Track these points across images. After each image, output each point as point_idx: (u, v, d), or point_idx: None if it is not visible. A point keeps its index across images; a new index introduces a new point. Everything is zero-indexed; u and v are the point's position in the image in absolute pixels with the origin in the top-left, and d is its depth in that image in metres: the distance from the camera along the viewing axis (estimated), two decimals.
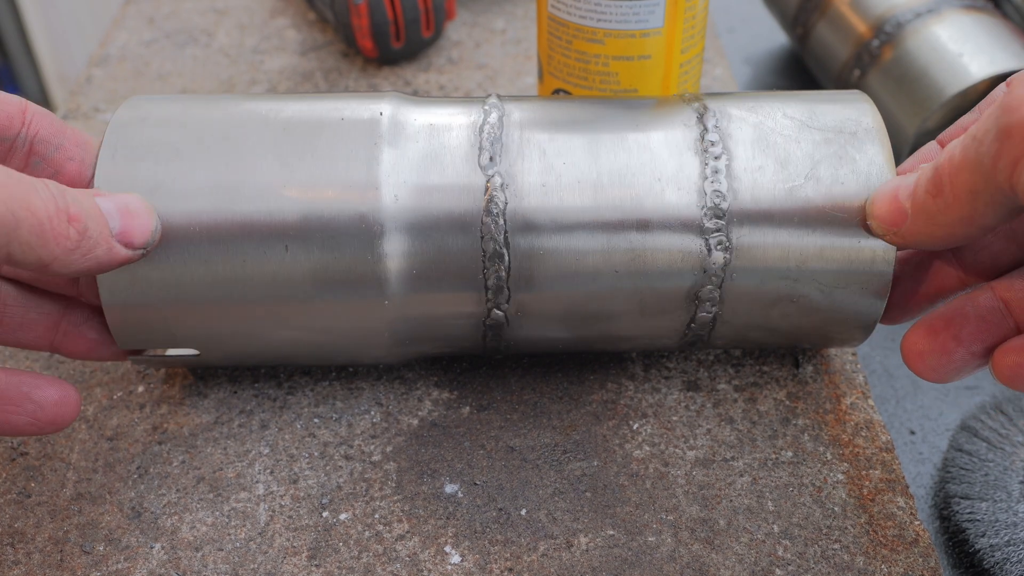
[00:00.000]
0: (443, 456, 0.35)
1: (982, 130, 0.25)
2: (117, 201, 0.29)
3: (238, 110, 0.34)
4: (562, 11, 0.39)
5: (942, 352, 0.30)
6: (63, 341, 0.34)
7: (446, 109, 0.34)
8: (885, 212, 0.30)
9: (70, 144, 0.32)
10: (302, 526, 0.33)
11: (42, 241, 0.26)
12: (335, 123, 0.33)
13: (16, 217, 0.25)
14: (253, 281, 0.32)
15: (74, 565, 0.32)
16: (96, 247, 0.28)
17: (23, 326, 0.33)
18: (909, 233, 0.29)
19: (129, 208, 0.29)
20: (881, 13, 0.49)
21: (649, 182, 0.32)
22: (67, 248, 0.27)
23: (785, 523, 0.33)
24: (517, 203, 0.32)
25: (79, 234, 0.27)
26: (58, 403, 0.31)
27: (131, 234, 0.29)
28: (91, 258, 0.28)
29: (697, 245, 0.32)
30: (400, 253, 0.32)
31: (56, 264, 0.27)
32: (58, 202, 0.26)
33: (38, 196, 0.26)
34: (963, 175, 0.26)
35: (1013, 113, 0.24)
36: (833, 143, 0.33)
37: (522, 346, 0.36)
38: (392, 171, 0.32)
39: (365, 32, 0.54)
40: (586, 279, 0.33)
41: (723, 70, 0.57)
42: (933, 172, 0.27)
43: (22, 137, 0.31)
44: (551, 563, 0.32)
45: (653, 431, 0.36)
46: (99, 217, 0.28)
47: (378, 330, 0.34)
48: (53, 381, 0.31)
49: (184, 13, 0.64)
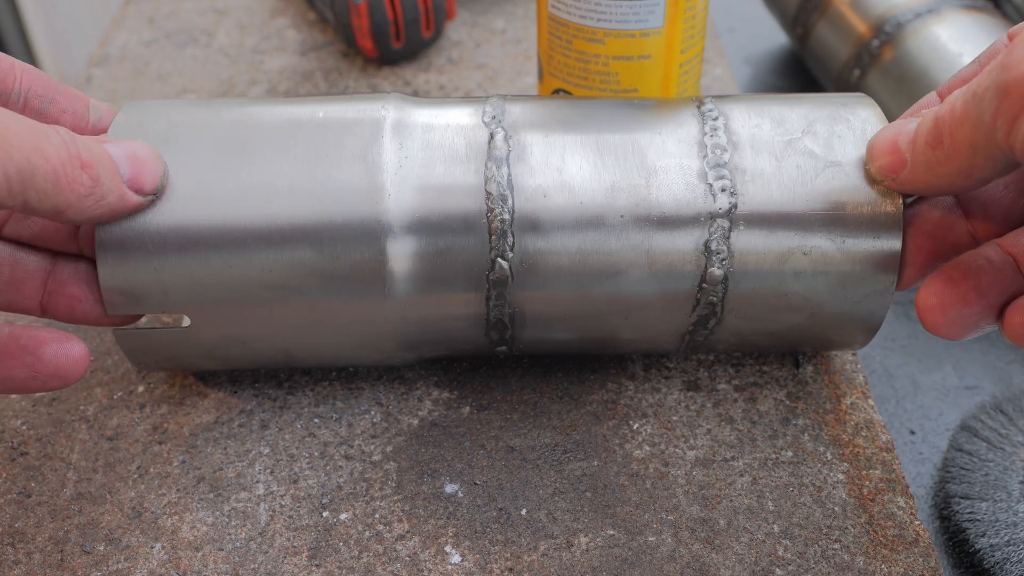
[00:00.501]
0: (443, 456, 0.35)
1: (982, 86, 0.25)
2: (125, 148, 0.29)
3: (239, 114, 0.34)
4: (562, 11, 0.39)
5: (962, 303, 0.30)
6: (50, 301, 0.33)
7: (448, 110, 0.34)
8: (885, 158, 0.31)
9: (62, 98, 0.32)
10: (302, 526, 0.33)
11: (57, 188, 0.26)
12: (337, 125, 0.33)
13: (32, 164, 0.25)
14: (255, 285, 0.32)
15: (74, 565, 0.32)
16: (109, 193, 0.28)
17: (13, 284, 0.33)
18: (907, 180, 0.30)
19: (137, 155, 0.30)
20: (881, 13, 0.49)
21: (652, 180, 0.32)
22: (81, 195, 0.27)
23: (785, 523, 0.33)
24: (520, 203, 0.32)
25: (92, 180, 0.27)
26: (57, 354, 0.30)
27: (141, 180, 0.30)
28: (104, 204, 0.28)
29: (700, 246, 0.32)
30: (404, 254, 0.32)
31: (70, 211, 0.27)
32: (70, 148, 0.26)
33: (51, 143, 0.26)
34: (963, 130, 0.26)
35: (1011, 71, 0.24)
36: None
37: (526, 347, 0.36)
38: (395, 172, 0.32)
39: (365, 32, 0.54)
40: (590, 278, 0.33)
41: (723, 70, 0.57)
42: (934, 123, 0.28)
43: (16, 92, 0.31)
44: (551, 563, 0.32)
45: (653, 431, 0.36)
46: (110, 163, 0.28)
47: (383, 332, 0.34)
48: (56, 334, 0.31)
49: (184, 13, 0.64)
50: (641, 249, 0.32)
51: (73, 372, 0.31)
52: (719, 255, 0.32)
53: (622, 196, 0.32)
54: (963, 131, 0.26)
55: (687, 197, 0.32)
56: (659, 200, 0.32)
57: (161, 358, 0.35)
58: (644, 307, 0.33)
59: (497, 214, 0.32)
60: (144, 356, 0.34)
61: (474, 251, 0.32)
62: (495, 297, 0.33)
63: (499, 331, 0.34)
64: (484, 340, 0.35)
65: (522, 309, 0.33)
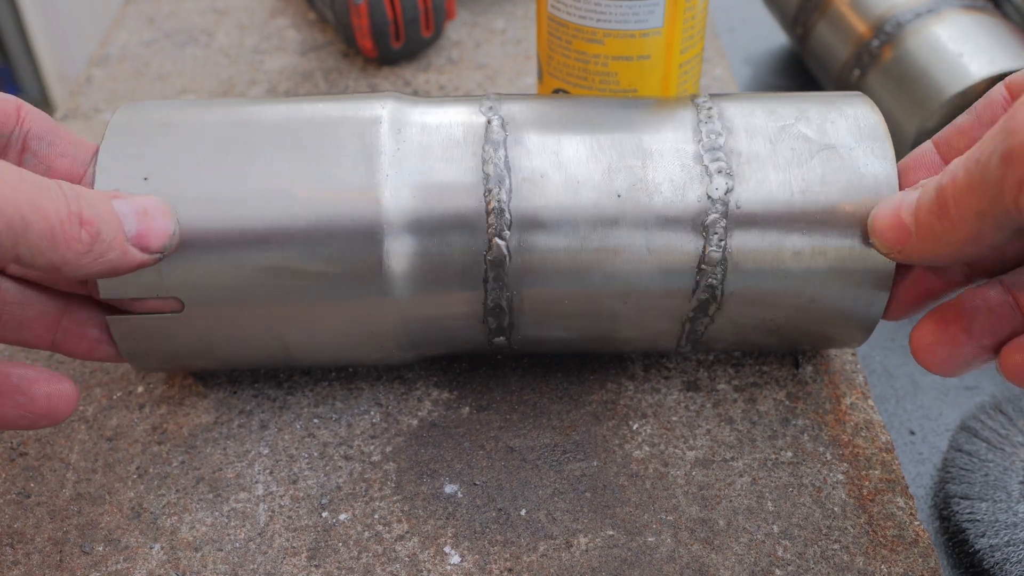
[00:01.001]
0: (443, 456, 0.35)
1: (986, 152, 0.25)
2: (135, 204, 0.29)
3: (237, 114, 0.34)
4: (562, 11, 0.39)
5: (953, 344, 0.30)
6: (64, 340, 0.34)
7: (446, 108, 0.34)
8: (888, 231, 0.30)
9: (62, 141, 0.32)
10: (301, 526, 0.33)
11: (52, 244, 0.26)
12: (335, 124, 0.33)
13: (25, 220, 0.25)
14: (253, 285, 0.32)
15: (73, 565, 0.32)
16: (109, 251, 0.27)
17: (23, 324, 0.33)
18: (914, 251, 0.29)
19: (147, 211, 0.29)
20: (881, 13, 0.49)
21: (649, 162, 0.32)
22: (78, 252, 0.26)
23: (785, 523, 0.33)
24: (518, 201, 0.32)
25: (91, 237, 0.27)
26: (50, 395, 0.31)
27: (148, 238, 0.29)
28: (104, 262, 0.27)
29: (697, 227, 0.32)
30: (402, 253, 0.32)
31: (67, 267, 0.26)
32: (71, 205, 0.26)
33: (50, 199, 0.25)
34: (968, 198, 0.26)
35: (1015, 135, 0.24)
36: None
37: (525, 345, 0.36)
38: (393, 171, 0.32)
39: (365, 32, 0.54)
40: (589, 276, 0.33)
41: (723, 70, 0.57)
42: (937, 193, 0.27)
43: (16, 134, 0.31)
44: (551, 563, 0.32)
45: (653, 431, 0.36)
46: (114, 220, 0.28)
47: (383, 331, 0.34)
48: (46, 374, 0.31)
49: (184, 13, 0.64)
50: (639, 229, 0.32)
51: (64, 413, 0.31)
52: (717, 236, 0.32)
53: (619, 177, 0.32)
54: (968, 198, 0.26)
55: (683, 179, 0.32)
56: (655, 181, 0.32)
57: (157, 353, 0.34)
58: (643, 290, 0.33)
59: (495, 194, 0.32)
60: (138, 345, 0.34)
61: (472, 249, 0.32)
62: (492, 279, 0.33)
63: (497, 317, 0.34)
64: (482, 329, 0.34)
65: (520, 292, 0.33)
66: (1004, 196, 0.24)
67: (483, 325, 0.34)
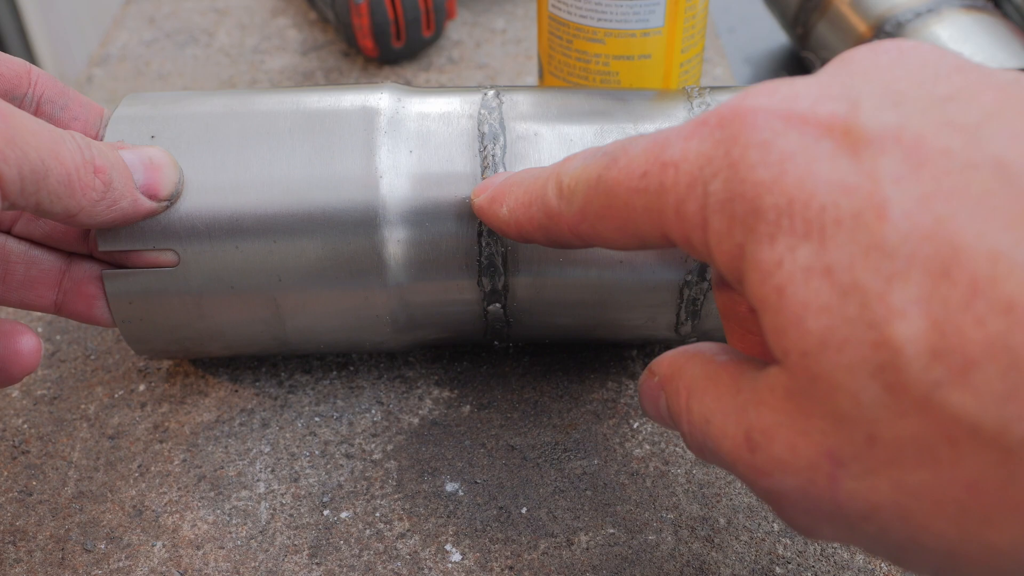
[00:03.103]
0: (444, 455, 0.35)
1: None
2: (141, 154, 0.30)
3: (237, 104, 0.34)
4: (562, 11, 0.39)
5: None
6: (65, 300, 0.33)
7: (445, 99, 0.34)
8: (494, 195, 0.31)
9: (74, 104, 0.33)
10: (303, 524, 0.33)
11: (69, 191, 0.26)
12: (334, 114, 0.33)
13: (46, 166, 0.25)
14: (252, 272, 0.32)
15: (75, 563, 0.32)
16: (121, 199, 0.28)
17: (27, 283, 0.33)
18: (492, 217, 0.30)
19: (153, 161, 0.30)
20: (881, 13, 0.49)
21: (640, 126, 0.33)
22: (93, 199, 0.27)
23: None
24: (511, 140, 0.32)
25: (104, 185, 0.27)
26: (6, 349, 0.29)
27: (156, 186, 0.30)
28: (116, 209, 0.28)
29: None
30: (400, 241, 0.32)
31: (82, 215, 0.27)
32: (84, 153, 0.27)
33: (65, 146, 0.26)
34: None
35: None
36: None
37: (522, 333, 0.36)
38: (391, 161, 0.32)
39: (366, 32, 0.55)
40: (583, 266, 0.33)
41: (723, 70, 0.57)
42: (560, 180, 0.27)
43: (29, 97, 0.31)
44: (551, 561, 0.32)
45: (653, 430, 0.36)
46: (124, 169, 0.29)
47: (379, 317, 0.34)
48: (9, 324, 0.29)
49: (184, 13, 0.64)
50: None
51: (23, 369, 0.29)
52: None
53: (611, 136, 0.33)
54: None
55: None
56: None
57: (152, 322, 0.34)
58: (637, 266, 0.33)
59: (489, 151, 0.32)
60: (132, 310, 0.33)
61: (469, 239, 0.32)
62: (490, 284, 0.33)
63: (495, 317, 0.34)
64: (481, 326, 0.35)
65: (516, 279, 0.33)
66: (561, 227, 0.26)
67: (480, 312, 0.34)
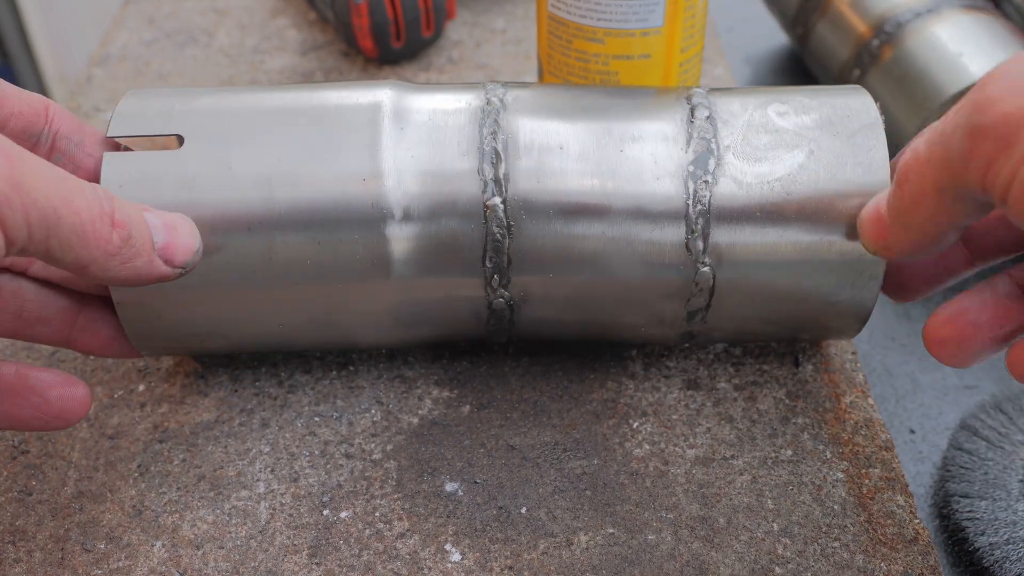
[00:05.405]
0: (443, 454, 0.35)
1: (950, 127, 0.25)
2: (164, 217, 0.29)
3: (241, 100, 0.34)
4: (562, 10, 0.39)
5: (962, 338, 0.30)
6: (79, 336, 0.34)
7: (447, 95, 0.34)
8: (869, 226, 0.30)
9: (90, 141, 0.33)
10: (303, 524, 0.33)
11: (82, 241, 0.26)
12: (338, 111, 0.33)
13: (58, 213, 0.25)
14: (255, 268, 0.32)
15: (75, 563, 0.32)
16: (137, 256, 0.28)
17: (40, 321, 0.33)
18: (892, 243, 0.29)
19: (175, 226, 0.30)
20: (881, 13, 0.49)
21: (648, 167, 0.33)
22: (107, 252, 0.26)
23: (785, 521, 0.33)
24: (517, 187, 0.32)
25: (121, 240, 0.27)
26: (63, 397, 0.31)
27: (173, 251, 0.29)
28: (130, 267, 0.28)
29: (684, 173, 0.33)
30: (403, 238, 0.32)
31: (94, 267, 0.26)
32: (104, 206, 0.26)
33: (82, 196, 0.26)
34: (928, 172, 0.26)
35: (985, 112, 0.23)
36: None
37: (524, 330, 0.36)
38: (394, 157, 0.32)
39: (365, 32, 0.54)
40: (586, 263, 0.33)
41: (723, 70, 0.57)
42: (899, 169, 0.27)
43: (46, 133, 0.31)
44: (551, 561, 0.32)
45: (653, 430, 0.36)
46: (144, 227, 0.28)
47: (382, 313, 0.34)
48: (60, 376, 0.31)
49: (184, 13, 0.64)
50: (629, 216, 0.33)
51: (76, 415, 0.32)
52: (701, 224, 0.32)
53: (614, 131, 0.33)
54: (928, 173, 0.26)
55: (672, 166, 0.33)
56: (647, 167, 0.33)
57: (149, 300, 0.33)
58: (637, 271, 0.33)
59: (494, 199, 0.32)
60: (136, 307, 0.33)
61: (472, 235, 0.32)
62: (493, 280, 0.33)
63: (498, 315, 0.34)
64: (484, 323, 0.35)
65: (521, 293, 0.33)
66: (968, 172, 0.24)
67: (484, 309, 0.34)
